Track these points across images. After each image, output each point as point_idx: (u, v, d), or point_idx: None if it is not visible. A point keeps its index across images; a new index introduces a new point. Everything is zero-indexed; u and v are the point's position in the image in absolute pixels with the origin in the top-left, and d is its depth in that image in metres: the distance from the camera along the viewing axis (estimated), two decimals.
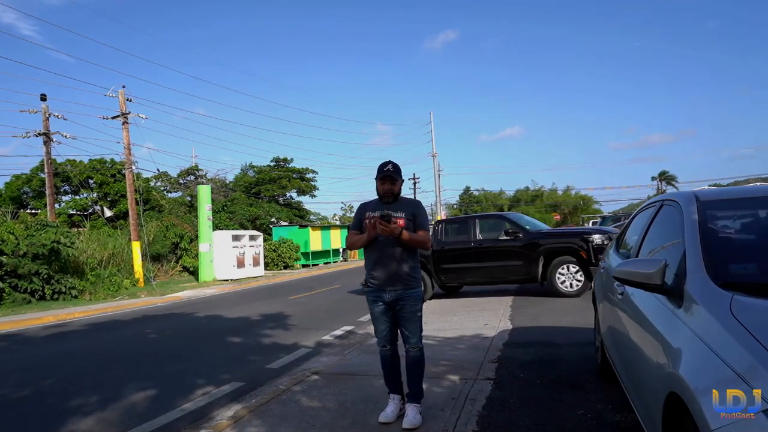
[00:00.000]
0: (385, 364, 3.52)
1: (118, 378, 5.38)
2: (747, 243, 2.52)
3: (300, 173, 40.09)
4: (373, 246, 3.40)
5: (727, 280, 1.89)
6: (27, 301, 13.05)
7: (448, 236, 10.21)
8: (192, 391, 4.69)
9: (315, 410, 3.74)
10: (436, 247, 9.93)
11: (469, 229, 9.99)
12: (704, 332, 1.69)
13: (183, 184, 35.50)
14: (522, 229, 9.55)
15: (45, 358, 6.81)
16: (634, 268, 2.25)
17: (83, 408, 4.37)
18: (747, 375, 1.36)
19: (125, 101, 18.75)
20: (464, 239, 9.92)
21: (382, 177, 3.41)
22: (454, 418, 3.39)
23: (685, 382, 1.58)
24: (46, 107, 19.37)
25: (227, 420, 3.65)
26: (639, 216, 3.61)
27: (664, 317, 2.06)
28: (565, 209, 72.01)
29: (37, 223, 15.18)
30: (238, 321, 9.01)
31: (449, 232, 10.33)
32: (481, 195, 79.58)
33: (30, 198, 28.80)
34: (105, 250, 17.91)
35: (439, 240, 10.08)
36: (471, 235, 9.87)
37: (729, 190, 3.18)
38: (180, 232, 21.39)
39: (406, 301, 3.36)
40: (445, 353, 5.30)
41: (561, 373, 4.32)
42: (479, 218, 10.54)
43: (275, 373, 5.20)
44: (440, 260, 9.94)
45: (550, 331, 6.17)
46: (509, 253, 9.33)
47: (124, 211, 22.95)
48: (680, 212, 2.49)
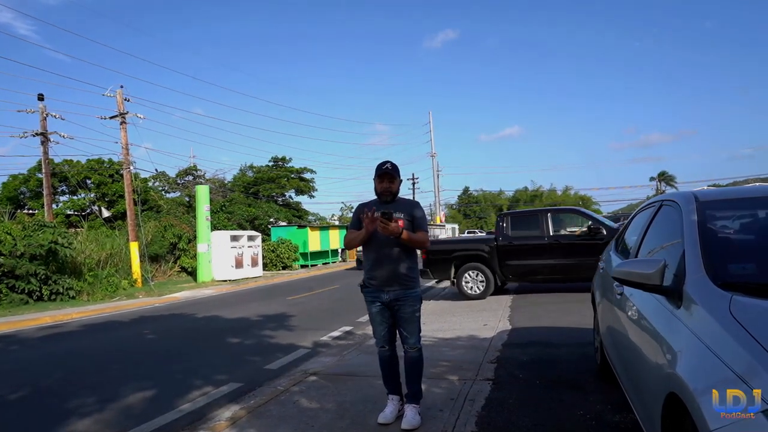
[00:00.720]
0: (384, 364, 3.52)
1: (116, 378, 5.37)
2: (746, 243, 2.52)
3: (298, 173, 40.07)
4: (372, 246, 3.39)
5: (726, 281, 1.88)
6: (24, 302, 13.01)
7: (516, 230, 9.70)
8: (190, 391, 4.68)
9: (314, 411, 3.73)
10: (501, 242, 9.55)
11: (540, 223, 9.45)
12: (703, 332, 1.69)
13: (181, 184, 35.45)
14: (603, 225, 9.09)
15: (42, 359, 6.79)
16: (633, 269, 2.25)
17: (81, 408, 4.36)
18: (746, 375, 1.36)
19: (123, 101, 18.72)
20: (536, 234, 9.44)
21: (380, 175, 3.41)
22: (453, 418, 3.38)
23: (684, 382, 1.58)
24: (43, 107, 19.34)
25: (225, 421, 3.64)
26: (638, 216, 3.61)
27: (663, 317, 2.06)
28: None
29: (35, 223, 15.14)
30: (237, 321, 8.99)
31: (516, 226, 9.83)
32: (480, 195, 79.69)
33: (27, 198, 28.73)
34: (103, 250, 17.86)
35: (505, 234, 9.64)
36: (543, 230, 9.39)
37: (728, 191, 3.18)
38: (178, 232, 21.35)
39: (404, 301, 3.35)
40: (444, 354, 5.29)
41: (560, 374, 4.32)
42: (551, 212, 9.93)
43: (274, 373, 5.19)
44: (506, 255, 9.48)
45: (549, 332, 6.17)
46: (591, 249, 8.14)
47: (122, 211, 22.89)
48: (679, 212, 2.49)
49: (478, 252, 9.81)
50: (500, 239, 9.63)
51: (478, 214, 76.74)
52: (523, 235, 9.65)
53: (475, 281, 9.69)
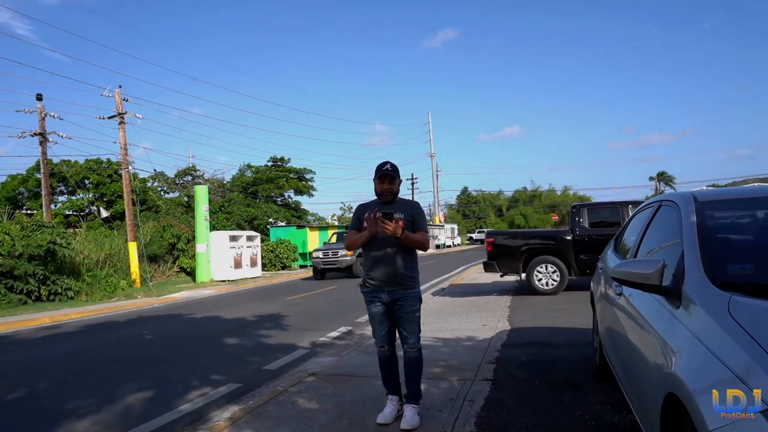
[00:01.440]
0: (383, 364, 3.52)
1: (115, 379, 5.36)
2: (745, 243, 2.53)
3: (297, 173, 40.08)
4: (372, 246, 3.39)
5: (725, 281, 1.88)
6: (23, 302, 12.99)
7: (594, 222, 9.38)
8: (189, 392, 4.67)
9: (312, 411, 3.73)
10: (578, 234, 9.27)
11: (621, 215, 8.99)
12: (702, 333, 1.69)
13: (180, 184, 35.44)
14: None
15: (40, 359, 6.78)
16: (632, 269, 2.25)
17: (79, 409, 4.35)
18: (745, 375, 1.36)
19: (122, 101, 18.70)
20: (616, 226, 9.10)
21: (380, 176, 3.41)
22: (452, 418, 3.38)
23: (683, 382, 1.58)
24: (41, 107, 19.32)
25: (224, 421, 3.64)
26: (637, 216, 3.61)
27: (662, 318, 2.06)
28: (563, 209, 72.22)
29: (33, 223, 15.12)
30: (236, 322, 8.99)
31: (594, 218, 9.51)
32: (479, 195, 79.76)
33: (26, 198, 28.72)
34: (101, 250, 17.84)
35: (582, 226, 9.33)
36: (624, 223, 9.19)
37: (727, 191, 3.19)
38: (177, 232, 21.34)
39: (404, 301, 3.35)
40: (444, 354, 5.29)
41: (559, 374, 4.32)
42: (632, 203, 9.26)
43: (272, 374, 5.19)
44: (584, 248, 9.16)
45: (548, 332, 6.18)
46: None
47: (121, 211, 22.88)
48: (678, 213, 2.49)
49: (551, 245, 9.53)
50: (577, 231, 9.32)
51: (477, 215, 76.81)
52: (602, 227, 9.25)
53: (547, 275, 9.40)
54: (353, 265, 16.13)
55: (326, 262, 16.92)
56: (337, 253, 16.64)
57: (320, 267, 17.00)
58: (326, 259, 16.94)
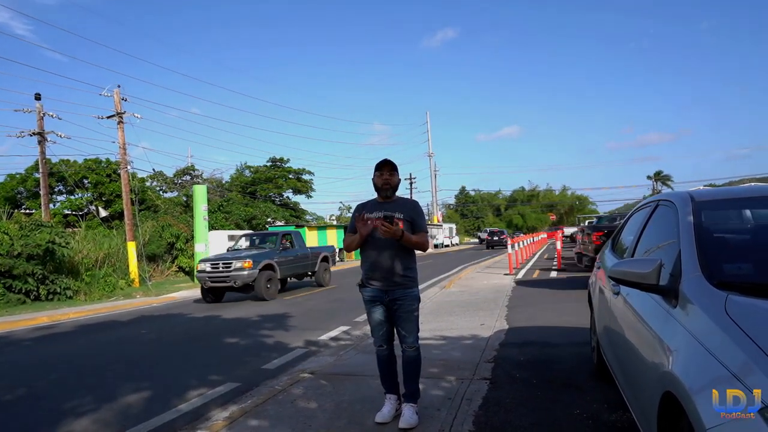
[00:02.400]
0: (382, 364, 3.52)
1: (113, 378, 5.36)
2: (742, 243, 2.54)
3: (296, 173, 40.06)
4: (370, 246, 3.40)
5: (722, 280, 1.89)
6: (21, 302, 12.98)
7: None
8: (187, 391, 4.67)
9: (311, 411, 3.73)
10: None
11: None
12: (699, 332, 1.69)
13: (178, 184, 35.39)
14: None
15: (39, 359, 6.77)
16: (629, 268, 2.26)
17: (78, 408, 4.35)
18: (741, 374, 1.37)
19: (120, 101, 18.68)
20: None
21: (380, 167, 3.46)
22: (451, 418, 3.39)
23: (680, 381, 1.58)
24: (40, 107, 19.29)
25: (223, 420, 3.64)
26: (634, 216, 3.63)
27: (659, 317, 2.07)
28: (561, 209, 72.18)
29: (32, 223, 15.10)
30: (234, 321, 8.99)
31: None
32: (477, 195, 79.75)
33: (25, 198, 28.67)
34: (100, 250, 17.82)
35: None
36: None
37: (724, 191, 3.19)
38: (176, 232, 21.31)
39: (402, 300, 3.36)
40: (442, 353, 5.30)
41: (557, 373, 4.33)
42: None
43: (271, 373, 5.19)
44: None
45: (546, 331, 6.19)
46: None
47: (120, 211, 22.86)
48: (675, 212, 2.50)
49: None
50: None
51: (475, 214, 76.81)
52: None
53: None
54: (256, 282, 11.55)
55: (215, 278, 11.66)
56: (230, 265, 11.53)
57: (207, 285, 11.85)
58: (215, 274, 11.67)
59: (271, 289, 11.99)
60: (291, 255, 13.30)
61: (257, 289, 11.61)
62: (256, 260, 11.82)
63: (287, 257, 13.07)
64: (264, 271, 11.83)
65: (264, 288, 11.72)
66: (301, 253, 13.83)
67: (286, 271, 12.96)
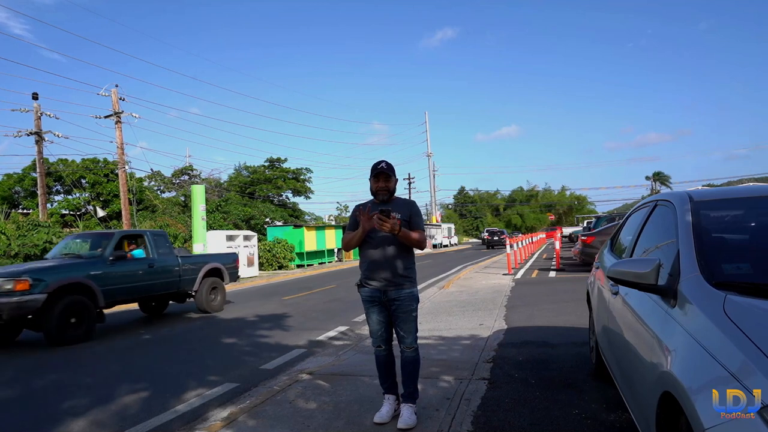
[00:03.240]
0: (380, 364, 3.52)
1: (111, 379, 5.34)
2: (740, 243, 2.54)
3: (295, 174, 40.05)
4: (369, 246, 3.40)
5: (721, 280, 1.90)
6: None
7: None
8: (185, 392, 4.66)
9: (309, 411, 3.73)
10: None
11: None
12: (698, 332, 1.69)
13: (177, 183, 35.37)
14: None
15: (36, 359, 6.75)
16: (628, 268, 2.26)
17: (75, 409, 4.34)
18: (740, 374, 1.37)
19: (118, 100, 18.66)
20: None
21: (376, 174, 3.43)
22: (449, 418, 3.39)
23: (679, 381, 1.58)
24: (38, 106, 19.25)
25: (221, 421, 3.63)
26: (633, 216, 3.63)
27: (657, 317, 2.07)
28: (559, 209, 72.25)
29: (29, 223, 15.08)
30: (232, 322, 8.97)
31: None
32: (475, 195, 79.78)
33: (22, 198, 28.61)
34: None
35: None
36: None
37: (722, 191, 3.19)
38: (174, 232, 21.30)
39: (401, 301, 3.36)
40: (441, 353, 5.30)
41: (556, 373, 4.33)
42: None
43: (270, 373, 5.18)
44: None
45: (544, 331, 6.19)
46: None
47: (117, 211, 22.82)
48: (674, 212, 2.50)
49: None
50: None
51: (474, 214, 76.83)
52: None
53: None
54: (48, 316, 7.04)
55: None
56: None
57: None
58: None
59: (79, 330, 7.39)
60: (132, 268, 8.59)
61: (56, 321, 7.05)
62: (40, 278, 7.06)
63: (123, 271, 8.38)
64: (63, 296, 7.23)
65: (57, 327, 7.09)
66: (158, 265, 9.07)
67: (121, 293, 8.38)
